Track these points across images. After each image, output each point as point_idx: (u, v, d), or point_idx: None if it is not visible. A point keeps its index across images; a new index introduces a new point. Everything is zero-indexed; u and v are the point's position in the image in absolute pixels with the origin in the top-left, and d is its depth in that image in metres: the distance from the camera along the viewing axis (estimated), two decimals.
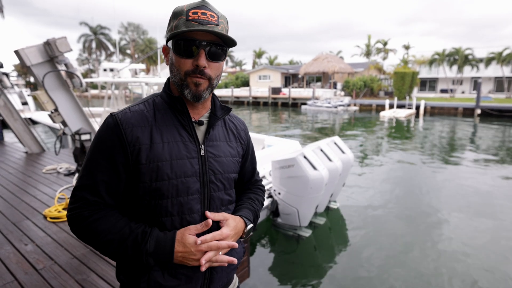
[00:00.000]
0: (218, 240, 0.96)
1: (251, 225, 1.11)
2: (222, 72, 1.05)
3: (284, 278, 3.86)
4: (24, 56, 4.52)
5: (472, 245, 4.56)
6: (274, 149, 5.45)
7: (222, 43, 0.96)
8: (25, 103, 17.30)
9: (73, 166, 5.40)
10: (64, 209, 3.64)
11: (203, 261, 0.92)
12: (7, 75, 6.93)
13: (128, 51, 57.14)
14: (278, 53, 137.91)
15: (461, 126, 17.59)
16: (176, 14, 0.95)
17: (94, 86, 48.14)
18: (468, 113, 22.73)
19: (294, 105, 30.50)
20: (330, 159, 4.65)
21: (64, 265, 2.62)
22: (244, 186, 1.25)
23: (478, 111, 21.85)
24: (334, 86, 33.85)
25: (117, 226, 0.94)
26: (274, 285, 3.72)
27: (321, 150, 4.69)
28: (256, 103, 33.74)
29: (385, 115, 21.29)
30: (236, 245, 0.98)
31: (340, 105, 25.65)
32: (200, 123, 1.04)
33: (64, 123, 5.10)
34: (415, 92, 32.36)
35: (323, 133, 15.07)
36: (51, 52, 4.65)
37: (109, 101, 10.12)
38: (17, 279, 2.44)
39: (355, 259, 4.21)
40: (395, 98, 25.11)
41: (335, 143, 5.21)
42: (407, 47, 41.41)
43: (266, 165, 5.05)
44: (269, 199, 4.61)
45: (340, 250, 4.48)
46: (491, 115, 21.53)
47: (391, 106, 24.98)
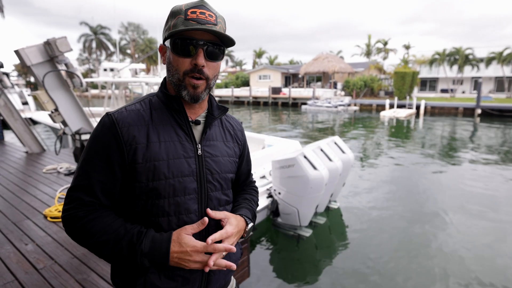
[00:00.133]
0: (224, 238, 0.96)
1: (252, 224, 1.10)
2: (222, 72, 1.05)
3: (284, 278, 3.86)
4: (24, 56, 4.52)
5: (473, 245, 4.56)
6: (274, 149, 5.45)
7: (220, 43, 0.96)
8: (26, 103, 17.31)
9: (74, 166, 5.40)
10: None
11: (211, 263, 0.90)
12: (8, 75, 6.95)
13: (128, 51, 57.17)
14: (278, 53, 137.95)
15: (462, 126, 17.58)
16: (174, 13, 0.94)
17: (95, 86, 48.16)
18: (469, 113, 22.71)
19: (294, 105, 30.50)
20: (330, 159, 4.65)
21: (65, 265, 2.62)
22: (239, 187, 1.24)
23: (479, 111, 21.84)
24: (335, 86, 33.84)
25: (113, 227, 0.92)
26: (274, 285, 3.72)
27: (321, 150, 4.69)
28: (256, 103, 33.74)
29: (386, 115, 21.28)
30: (234, 249, 0.95)
31: (341, 105, 25.63)
32: (197, 123, 1.03)
33: (65, 123, 5.10)
34: (416, 92, 32.33)
35: (323, 133, 15.06)
36: (51, 52, 4.65)
37: (109, 101, 10.13)
38: (18, 279, 2.44)
39: (355, 259, 4.21)
40: (396, 98, 25.10)
41: (335, 143, 5.21)
42: (408, 47, 41.40)
43: (266, 165, 5.05)
44: (269, 199, 4.61)
45: (340, 250, 4.48)
46: (492, 115, 21.53)
47: (392, 106, 24.98)
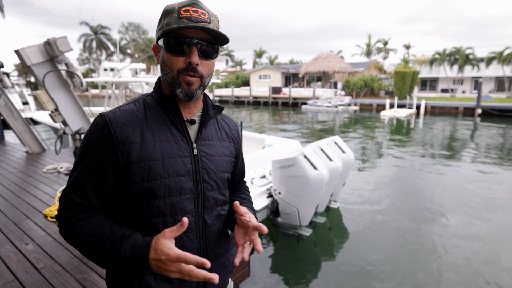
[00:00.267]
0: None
1: None
2: (222, 72, 1.04)
3: (285, 277, 3.86)
4: (25, 56, 4.52)
5: (474, 245, 4.55)
6: (275, 149, 5.46)
7: (214, 41, 0.96)
8: (26, 103, 17.32)
9: None
10: None
11: (187, 276, 0.80)
12: (8, 75, 6.94)
13: (129, 51, 57.18)
14: (279, 53, 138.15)
15: (462, 126, 17.57)
16: (167, 12, 0.94)
17: (95, 86, 48.20)
18: (469, 113, 22.70)
19: (295, 105, 30.50)
20: (331, 159, 4.65)
21: (65, 264, 2.62)
22: (233, 187, 1.24)
23: (479, 111, 21.82)
24: (335, 86, 33.82)
25: (99, 229, 0.89)
26: (275, 284, 3.72)
27: (322, 150, 4.69)
28: (257, 103, 33.73)
29: (386, 115, 21.27)
30: (216, 281, 0.79)
31: (341, 105, 25.63)
32: (192, 122, 1.02)
33: (65, 123, 5.10)
34: (416, 92, 32.33)
35: (324, 133, 15.06)
36: (52, 52, 4.65)
37: (110, 101, 10.14)
38: (18, 278, 2.44)
39: (355, 259, 4.21)
40: (396, 98, 25.10)
41: (336, 143, 5.21)
42: (408, 47, 41.36)
43: (266, 165, 5.05)
44: (269, 199, 4.61)
45: (340, 250, 4.48)
46: (492, 115, 21.51)
47: (392, 106, 24.98)
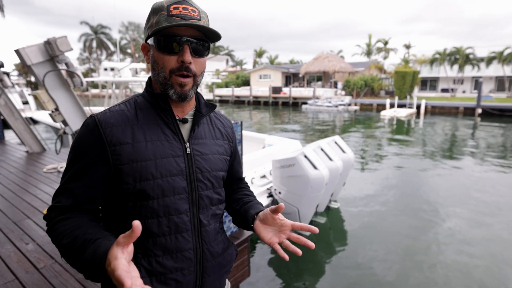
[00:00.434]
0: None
1: None
2: (223, 72, 1.03)
3: (284, 277, 3.86)
4: (25, 55, 4.52)
5: (474, 245, 4.55)
6: (275, 149, 5.46)
7: (205, 38, 0.94)
8: (26, 103, 17.33)
9: None
10: None
11: None
12: (8, 75, 6.93)
13: (129, 51, 57.12)
14: (279, 53, 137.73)
15: (462, 126, 17.56)
16: (156, 10, 0.91)
17: (95, 86, 48.22)
18: (469, 113, 22.68)
19: (295, 105, 30.49)
20: (331, 159, 4.65)
21: (65, 264, 2.61)
22: (234, 185, 1.23)
23: (479, 111, 21.81)
24: (335, 86, 33.81)
25: (76, 231, 0.85)
26: (275, 284, 3.72)
27: (322, 150, 4.69)
28: (257, 103, 33.72)
29: (386, 115, 21.26)
30: None
31: (341, 105, 25.63)
32: (185, 121, 1.00)
33: (65, 122, 5.09)
34: (416, 92, 32.31)
35: (324, 133, 15.06)
36: (52, 51, 4.64)
37: (110, 100, 10.14)
38: (18, 278, 2.44)
39: (355, 258, 4.21)
40: (396, 98, 25.08)
41: (336, 143, 5.21)
42: (408, 47, 41.35)
43: (267, 165, 5.05)
44: (270, 198, 4.62)
45: (340, 249, 4.48)
46: (492, 115, 21.50)
47: (392, 106, 24.96)
